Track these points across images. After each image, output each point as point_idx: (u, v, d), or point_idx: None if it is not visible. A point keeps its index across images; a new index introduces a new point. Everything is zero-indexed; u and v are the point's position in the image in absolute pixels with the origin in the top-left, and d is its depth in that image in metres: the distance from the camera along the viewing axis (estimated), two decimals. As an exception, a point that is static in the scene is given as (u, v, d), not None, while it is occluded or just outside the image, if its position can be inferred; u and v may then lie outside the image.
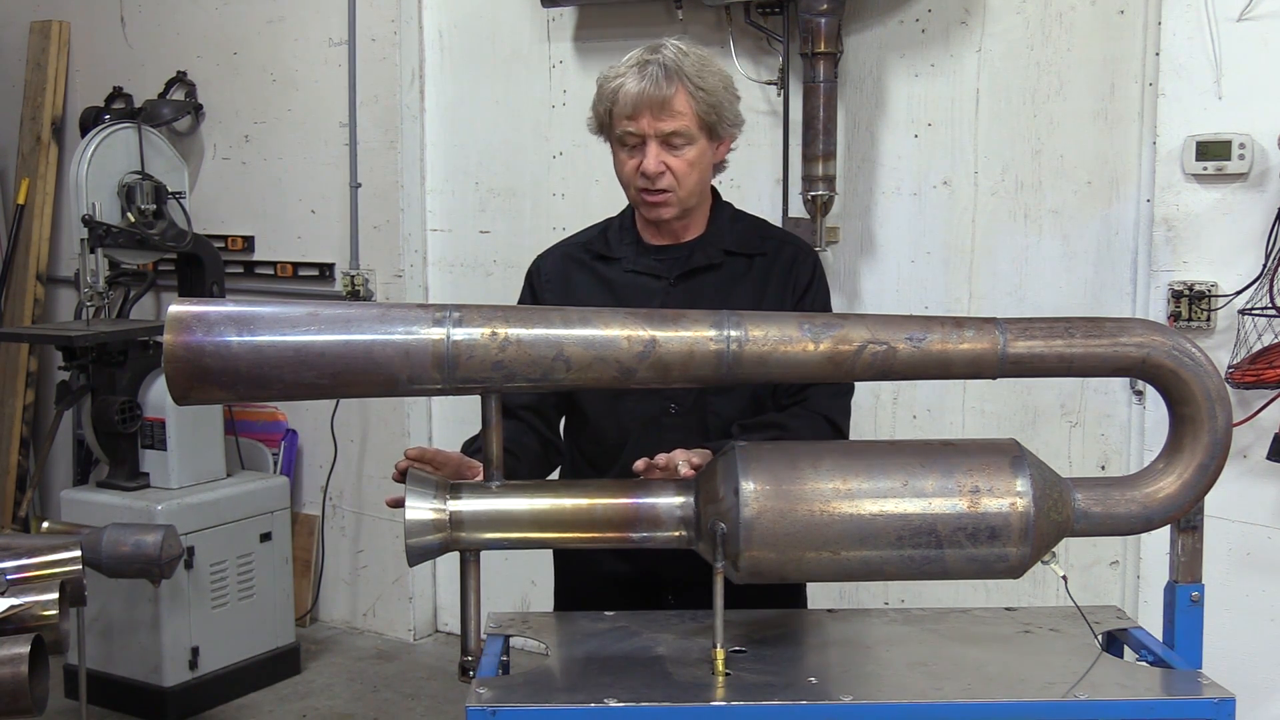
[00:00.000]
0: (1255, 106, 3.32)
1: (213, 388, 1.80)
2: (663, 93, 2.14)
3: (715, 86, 2.19)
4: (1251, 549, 3.42)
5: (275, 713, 4.37)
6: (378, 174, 4.90)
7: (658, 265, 2.30)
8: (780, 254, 2.33)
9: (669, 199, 2.22)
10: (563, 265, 2.36)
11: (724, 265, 2.29)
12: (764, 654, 1.95)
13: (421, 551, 1.86)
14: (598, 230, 2.40)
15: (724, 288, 2.28)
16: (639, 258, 2.31)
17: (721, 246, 2.30)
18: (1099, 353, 1.86)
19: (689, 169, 2.20)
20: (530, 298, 2.37)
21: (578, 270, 2.34)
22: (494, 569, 2.80)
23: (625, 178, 2.25)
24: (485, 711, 1.75)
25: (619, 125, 2.20)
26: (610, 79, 2.21)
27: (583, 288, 2.31)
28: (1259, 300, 3.29)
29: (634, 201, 2.28)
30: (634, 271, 2.30)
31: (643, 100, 2.15)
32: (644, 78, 2.16)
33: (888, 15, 4.01)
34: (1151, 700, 1.79)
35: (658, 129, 2.17)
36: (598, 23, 4.52)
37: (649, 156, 2.18)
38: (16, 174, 5.73)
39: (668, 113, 2.16)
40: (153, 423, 4.33)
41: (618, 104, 2.18)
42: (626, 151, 2.22)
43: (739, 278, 2.29)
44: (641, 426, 2.25)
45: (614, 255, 2.33)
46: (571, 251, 2.38)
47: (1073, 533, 1.90)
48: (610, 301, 2.25)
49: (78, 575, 2.85)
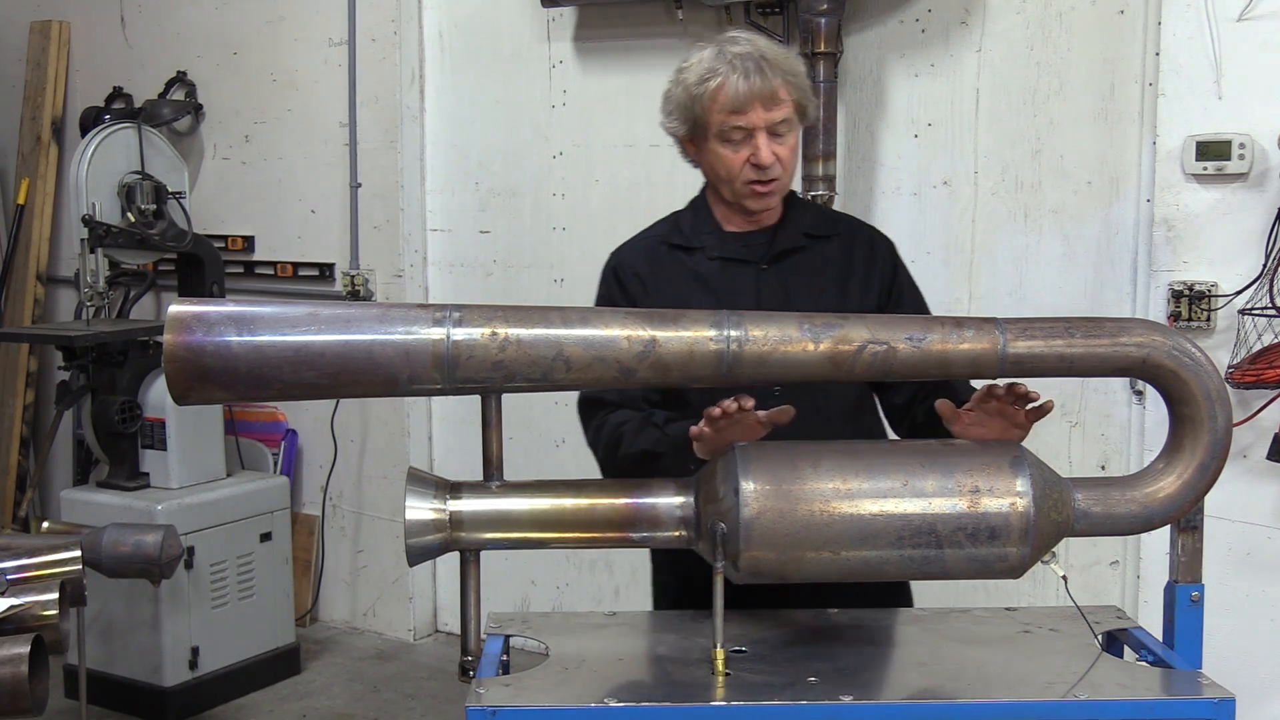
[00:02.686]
0: (1255, 106, 3.32)
1: (213, 388, 1.81)
2: (770, 84, 2.17)
3: (799, 71, 2.24)
4: (1251, 549, 3.42)
5: (275, 713, 4.37)
6: (378, 174, 4.90)
7: (745, 251, 2.30)
8: (857, 235, 2.37)
9: (776, 187, 2.24)
10: (648, 259, 2.34)
11: (808, 248, 2.31)
12: (764, 654, 1.95)
13: (421, 551, 1.86)
14: (669, 224, 2.40)
15: (812, 268, 2.29)
16: (723, 245, 2.31)
17: (801, 229, 2.32)
18: (1099, 353, 1.87)
19: (792, 155, 2.25)
20: (618, 294, 2.33)
21: (663, 263, 2.33)
22: (494, 569, 2.80)
23: (731, 172, 2.24)
24: (485, 711, 1.75)
25: (722, 121, 2.20)
26: (703, 79, 2.20)
27: (673, 281, 2.30)
28: (1259, 300, 3.29)
29: (740, 195, 2.26)
30: (721, 259, 2.30)
31: (753, 94, 2.17)
32: (746, 72, 2.17)
33: (888, 15, 4.01)
34: (1151, 700, 1.79)
35: (768, 120, 2.18)
36: (598, 23, 4.52)
37: (762, 148, 2.19)
38: (16, 174, 5.73)
39: (775, 102, 2.18)
40: (153, 423, 4.33)
41: (720, 101, 2.18)
42: (731, 147, 2.22)
43: (824, 259, 2.31)
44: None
45: (694, 245, 2.32)
46: (650, 244, 2.37)
47: (1073, 533, 1.90)
48: (702, 293, 2.25)
49: (78, 575, 2.85)
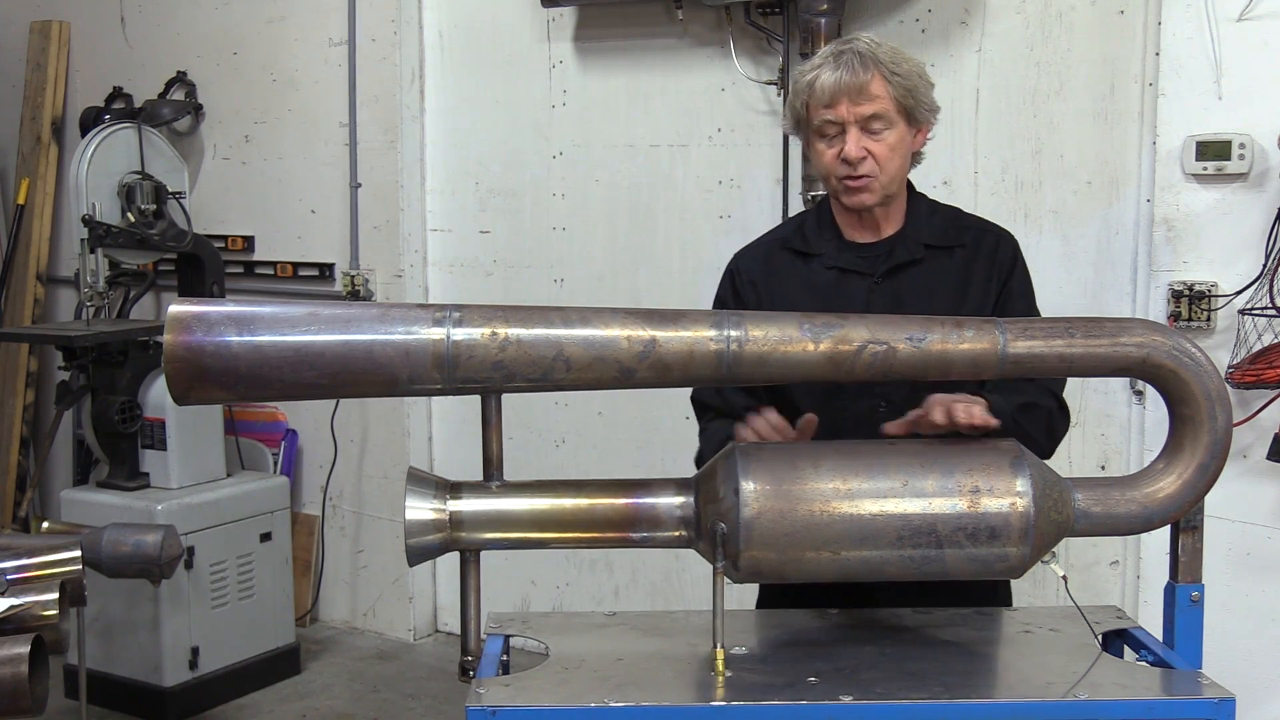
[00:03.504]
0: (1255, 106, 3.32)
1: (213, 388, 1.80)
2: (859, 78, 2.15)
3: (910, 71, 2.20)
4: (1251, 549, 3.42)
5: (275, 713, 4.37)
6: (378, 174, 4.90)
7: (860, 262, 2.28)
8: (981, 243, 2.31)
9: (870, 184, 2.21)
10: (765, 265, 2.34)
11: (926, 260, 2.27)
12: (764, 654, 1.95)
13: (421, 551, 1.86)
14: (793, 226, 2.39)
15: (928, 283, 2.26)
16: (840, 254, 2.29)
17: (922, 241, 2.29)
18: (1099, 353, 1.87)
19: (890, 153, 2.20)
20: (731, 296, 2.34)
21: (780, 269, 2.33)
22: (494, 569, 2.79)
23: (826, 168, 2.24)
24: (485, 711, 1.75)
25: (816, 116, 2.20)
26: (805, 73, 2.22)
27: (787, 288, 2.30)
28: (1259, 300, 3.29)
29: (835, 191, 2.26)
30: (837, 269, 2.28)
31: (840, 87, 2.16)
32: (839, 66, 2.17)
33: (888, 15, 4.01)
34: (1151, 700, 1.79)
35: (857, 114, 2.17)
36: (598, 23, 4.52)
37: (850, 141, 2.18)
38: (16, 174, 5.73)
39: (866, 97, 2.16)
40: (153, 423, 4.33)
41: (814, 94, 2.19)
42: (825, 142, 2.22)
43: (943, 272, 2.27)
44: (854, 424, 2.20)
45: (814, 251, 2.31)
46: (770, 249, 2.36)
47: (1073, 533, 1.90)
48: (814, 303, 2.22)
49: (78, 575, 2.85)
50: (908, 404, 2.12)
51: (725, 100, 4.30)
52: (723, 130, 4.34)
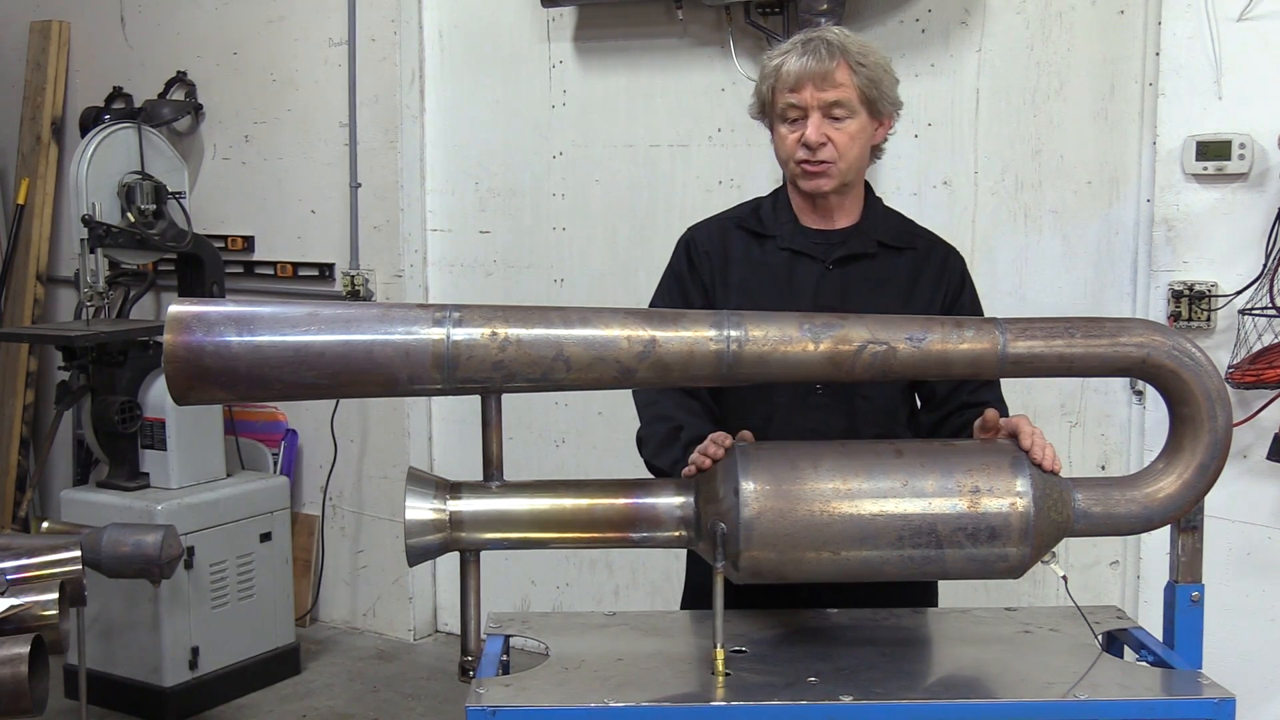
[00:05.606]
0: (1255, 106, 3.32)
1: (213, 388, 1.80)
2: (825, 65, 2.19)
3: (876, 64, 2.24)
4: (1251, 549, 3.42)
5: (275, 713, 4.37)
6: (378, 174, 4.90)
7: (814, 247, 2.31)
8: (932, 252, 2.36)
9: (829, 170, 2.24)
10: (720, 239, 2.38)
11: (878, 256, 2.32)
12: (764, 654, 1.95)
13: (421, 551, 1.86)
14: (749, 208, 2.43)
15: (877, 277, 2.30)
16: (794, 237, 2.32)
17: (875, 237, 2.33)
18: (1099, 353, 1.87)
19: (850, 141, 2.24)
20: (686, 266, 2.37)
21: (734, 245, 2.36)
22: (494, 569, 2.80)
23: (786, 152, 2.28)
24: (485, 711, 1.75)
25: (781, 100, 2.24)
26: (772, 58, 2.26)
27: (739, 264, 2.33)
28: (1259, 300, 3.29)
29: (793, 175, 2.30)
30: (790, 250, 2.31)
31: (805, 73, 2.20)
32: (807, 52, 2.21)
33: (888, 15, 4.01)
34: (1151, 700, 1.80)
35: (820, 100, 2.20)
36: (598, 23, 4.52)
37: (811, 126, 2.21)
38: (16, 174, 5.73)
39: (830, 84, 2.20)
40: (153, 423, 4.33)
41: (780, 79, 2.23)
42: (788, 126, 2.26)
43: (892, 270, 2.31)
44: (789, 403, 2.26)
45: (768, 233, 2.34)
46: (726, 226, 2.40)
47: (1073, 533, 1.90)
48: (766, 282, 2.28)
49: (78, 575, 2.85)
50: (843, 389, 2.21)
51: (725, 100, 4.30)
52: (723, 130, 4.34)
